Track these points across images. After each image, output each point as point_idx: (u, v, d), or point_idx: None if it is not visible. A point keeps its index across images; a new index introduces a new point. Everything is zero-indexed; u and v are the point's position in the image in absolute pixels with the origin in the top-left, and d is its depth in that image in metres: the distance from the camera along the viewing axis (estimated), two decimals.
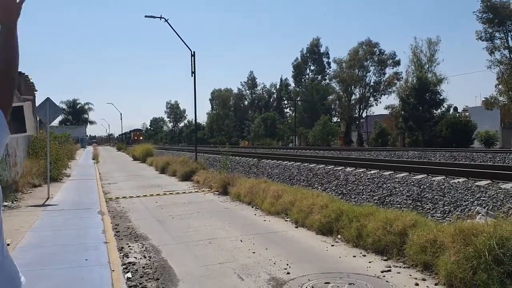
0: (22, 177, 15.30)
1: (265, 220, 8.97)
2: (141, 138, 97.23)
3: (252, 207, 10.54)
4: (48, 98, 13.53)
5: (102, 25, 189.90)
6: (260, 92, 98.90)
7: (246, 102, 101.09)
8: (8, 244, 6.97)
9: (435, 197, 9.22)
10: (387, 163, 15.41)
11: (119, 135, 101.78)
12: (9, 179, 13.05)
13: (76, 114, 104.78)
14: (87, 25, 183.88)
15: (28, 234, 7.93)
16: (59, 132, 41.38)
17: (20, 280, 1.58)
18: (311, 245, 6.88)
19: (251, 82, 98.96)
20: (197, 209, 10.53)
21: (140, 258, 6.37)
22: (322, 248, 6.65)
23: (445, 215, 8.06)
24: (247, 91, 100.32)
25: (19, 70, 1.82)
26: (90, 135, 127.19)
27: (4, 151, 12.87)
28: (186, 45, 21.85)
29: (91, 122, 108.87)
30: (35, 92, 26.50)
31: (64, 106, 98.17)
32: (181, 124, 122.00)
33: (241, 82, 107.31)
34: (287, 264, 5.82)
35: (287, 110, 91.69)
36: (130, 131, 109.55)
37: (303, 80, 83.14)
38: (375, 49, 65.10)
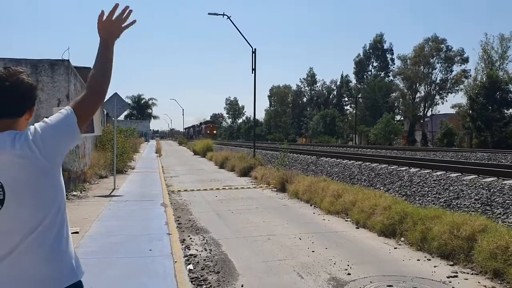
0: (90, 168, 16.07)
1: (324, 219, 8.85)
2: (214, 132, 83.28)
3: (311, 205, 10.45)
4: (115, 93, 14.09)
5: (166, 23, 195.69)
6: (320, 88, 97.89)
7: (304, 99, 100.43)
8: (78, 232, 7.34)
9: (507, 201, 8.71)
10: (453, 164, 14.76)
11: (185, 128, 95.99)
12: (78, 170, 13.74)
13: (141, 109, 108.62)
14: (152, 23, 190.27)
15: (95, 223, 8.30)
16: (125, 126, 43.16)
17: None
18: (373, 246, 6.71)
19: (311, 79, 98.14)
20: (256, 205, 10.58)
21: (201, 251, 6.49)
22: (384, 250, 6.47)
23: None
24: (306, 88, 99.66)
25: (86, 66, 2.01)
26: (153, 130, 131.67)
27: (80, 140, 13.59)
28: (248, 42, 21.96)
29: (155, 117, 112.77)
30: None
31: (129, 101, 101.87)
32: (240, 120, 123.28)
33: (300, 79, 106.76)
34: (348, 265, 5.70)
35: (347, 107, 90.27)
36: (200, 123, 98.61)
37: (365, 76, 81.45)
38: (442, 45, 62.56)
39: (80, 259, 1.88)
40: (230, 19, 22.27)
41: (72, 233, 6.50)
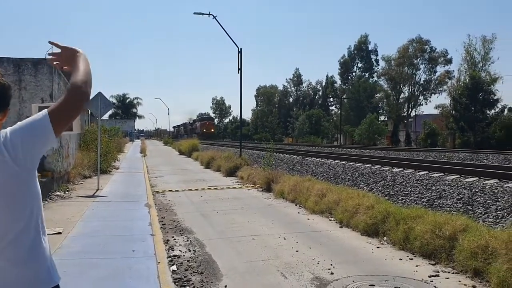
0: (74, 168, 15.90)
1: (308, 219, 8.90)
2: (212, 130, 75.48)
3: (296, 205, 10.50)
4: (99, 93, 13.96)
5: (151, 22, 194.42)
6: (306, 89, 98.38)
7: (291, 99, 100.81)
8: (60, 233, 7.27)
9: (488, 201, 8.86)
10: (436, 164, 14.96)
11: (174, 127, 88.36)
12: (61, 170, 13.59)
13: (125, 108, 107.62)
14: (137, 21, 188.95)
15: (79, 223, 8.23)
16: (109, 125, 42.76)
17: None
18: (356, 246, 6.77)
19: (297, 79, 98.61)
20: (241, 205, 10.59)
21: (185, 252, 6.48)
22: (367, 250, 6.53)
23: (497, 221, 7.72)
24: (292, 88, 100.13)
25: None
26: (138, 129, 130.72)
27: (57, 143, 13.42)
28: (234, 42, 21.94)
29: (140, 116, 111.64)
30: None
31: (114, 100, 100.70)
32: (226, 120, 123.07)
33: (286, 79, 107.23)
34: (331, 264, 5.75)
35: (333, 107, 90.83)
36: (194, 120, 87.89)
37: (349, 77, 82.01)
38: (426, 46, 63.14)
39: (63, 259, 1.89)
40: (216, 18, 22.26)
41: (55, 233, 6.41)
